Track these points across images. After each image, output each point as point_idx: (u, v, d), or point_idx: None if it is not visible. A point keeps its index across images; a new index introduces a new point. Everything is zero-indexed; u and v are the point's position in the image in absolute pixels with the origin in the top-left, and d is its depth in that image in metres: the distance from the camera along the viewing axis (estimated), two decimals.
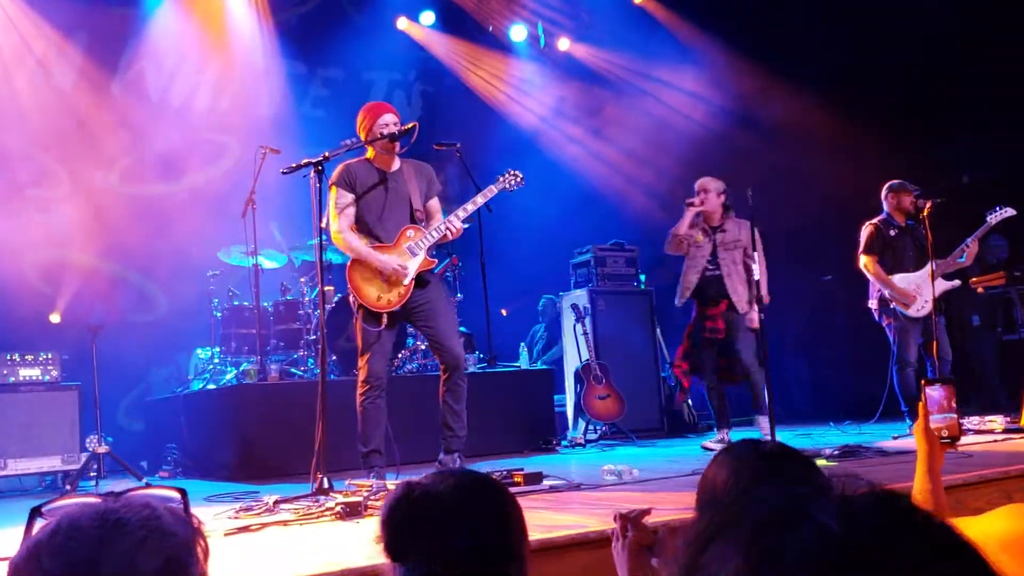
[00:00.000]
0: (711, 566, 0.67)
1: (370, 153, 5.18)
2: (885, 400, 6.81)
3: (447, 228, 5.12)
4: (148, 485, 1.12)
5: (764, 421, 6.04)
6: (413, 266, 5.05)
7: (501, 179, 5.33)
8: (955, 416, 2.20)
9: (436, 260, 5.21)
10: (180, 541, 1.01)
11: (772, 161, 9.08)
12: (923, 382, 2.27)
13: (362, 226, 5.09)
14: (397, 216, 5.13)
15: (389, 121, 5.07)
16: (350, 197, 5.06)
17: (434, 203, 5.30)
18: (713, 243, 6.49)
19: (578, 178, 10.14)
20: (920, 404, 2.20)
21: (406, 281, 5.03)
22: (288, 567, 2.78)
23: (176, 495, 1.09)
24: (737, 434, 6.41)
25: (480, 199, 5.23)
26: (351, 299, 5.11)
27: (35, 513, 1.06)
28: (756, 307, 6.13)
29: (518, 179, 5.35)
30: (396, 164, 5.19)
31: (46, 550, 0.97)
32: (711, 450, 6.00)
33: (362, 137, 5.10)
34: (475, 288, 7.74)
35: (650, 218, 9.27)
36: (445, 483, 1.53)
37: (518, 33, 10.76)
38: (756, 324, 6.19)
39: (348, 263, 5.11)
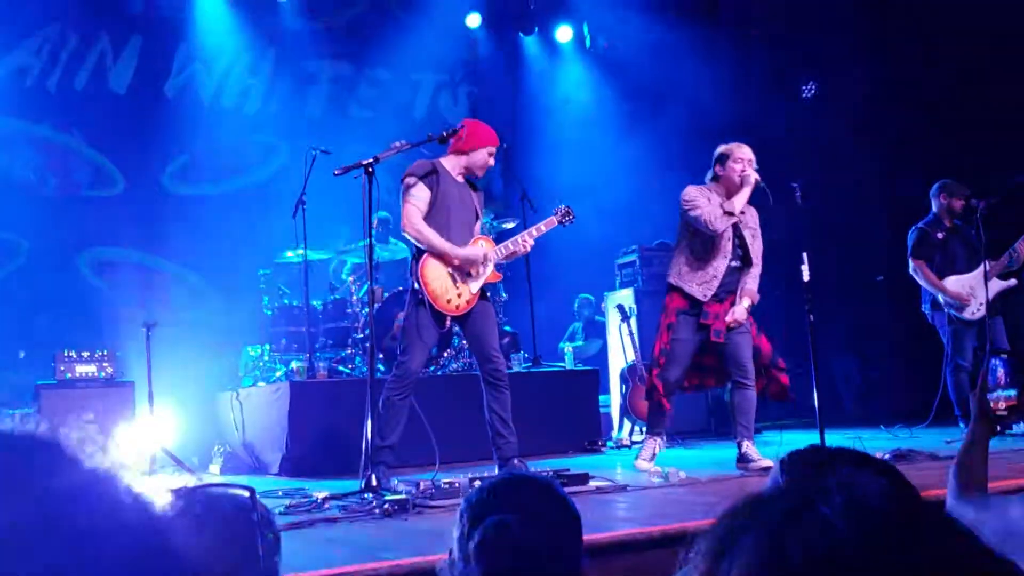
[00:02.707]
0: (725, 568, 0.67)
1: (445, 159, 5.26)
2: (938, 404, 6.70)
3: (522, 245, 5.27)
4: (225, 484, 1.15)
5: (753, 448, 5.30)
6: (485, 274, 5.15)
7: (558, 212, 5.51)
8: (1016, 392, 2.14)
9: (501, 274, 5.30)
10: (247, 540, 1.04)
11: (822, 160, 8.98)
12: (989, 351, 2.23)
13: (428, 223, 5.11)
14: (463, 224, 5.22)
15: (494, 152, 5.26)
16: (427, 192, 5.10)
17: (477, 225, 5.40)
18: (735, 227, 5.49)
19: (624, 178, 10.10)
20: (981, 374, 2.17)
21: (475, 289, 5.10)
22: (337, 563, 2.82)
23: (245, 493, 1.12)
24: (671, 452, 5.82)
25: (544, 227, 5.41)
26: (421, 295, 5.04)
27: None
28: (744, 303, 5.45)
29: (570, 217, 5.51)
30: (462, 179, 5.29)
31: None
32: (645, 470, 5.25)
33: (455, 145, 5.20)
34: (520, 288, 7.78)
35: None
36: (535, 514, 1.58)
37: (564, 34, 10.77)
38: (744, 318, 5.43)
39: (422, 259, 5.07)
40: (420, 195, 5.08)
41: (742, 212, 5.47)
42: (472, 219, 5.28)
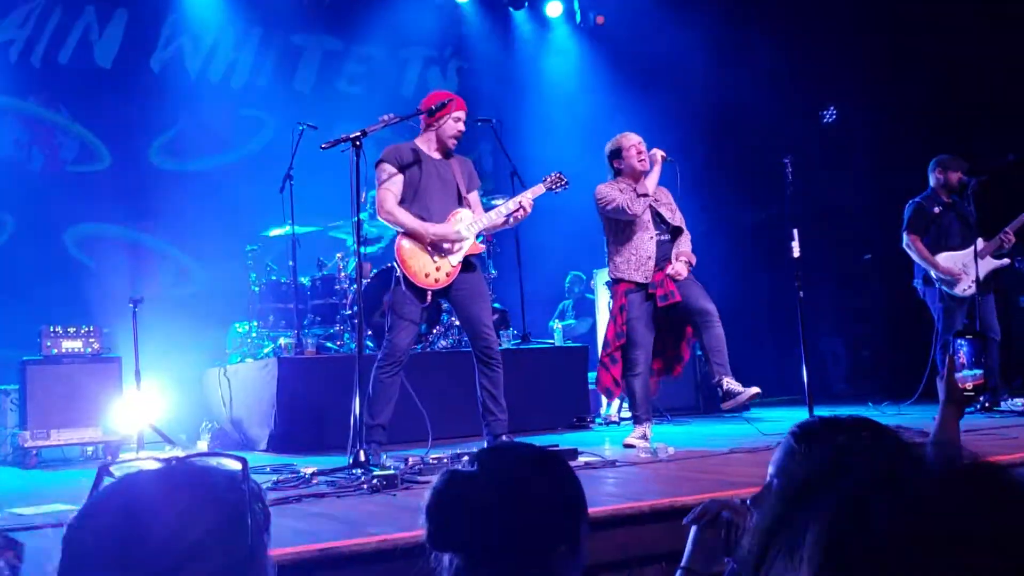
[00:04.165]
0: (800, 521, 0.66)
1: (419, 139, 5.22)
2: (925, 380, 6.73)
3: (519, 210, 5.15)
4: (217, 454, 1.13)
5: (733, 382, 5.25)
6: (465, 246, 5.08)
7: (548, 179, 5.39)
8: (981, 372, 2.19)
9: (484, 245, 5.23)
10: (231, 510, 1.02)
11: (810, 137, 8.97)
12: (953, 335, 2.25)
13: (408, 206, 5.09)
14: (444, 200, 5.16)
15: (462, 118, 5.18)
16: (399, 175, 5.07)
17: (474, 196, 5.34)
18: (651, 209, 5.58)
19: None
20: (948, 356, 2.19)
21: (454, 261, 5.05)
22: (325, 538, 2.81)
23: (237, 464, 1.10)
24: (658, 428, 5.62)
25: (530, 195, 5.29)
26: (396, 273, 5.07)
27: (103, 471, 1.08)
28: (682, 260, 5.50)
29: (563, 183, 5.42)
30: (440, 154, 5.23)
31: (101, 511, 0.99)
32: (633, 447, 5.23)
33: (424, 115, 5.14)
34: (509, 264, 7.76)
35: (686, 194, 9.20)
36: (492, 468, 1.51)
37: (554, 9, 10.70)
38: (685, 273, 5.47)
39: (397, 238, 5.09)
40: (392, 179, 5.06)
41: (652, 195, 5.57)
42: (454, 193, 5.22)
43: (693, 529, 1.92)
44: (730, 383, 5.26)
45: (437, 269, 5.04)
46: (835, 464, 0.70)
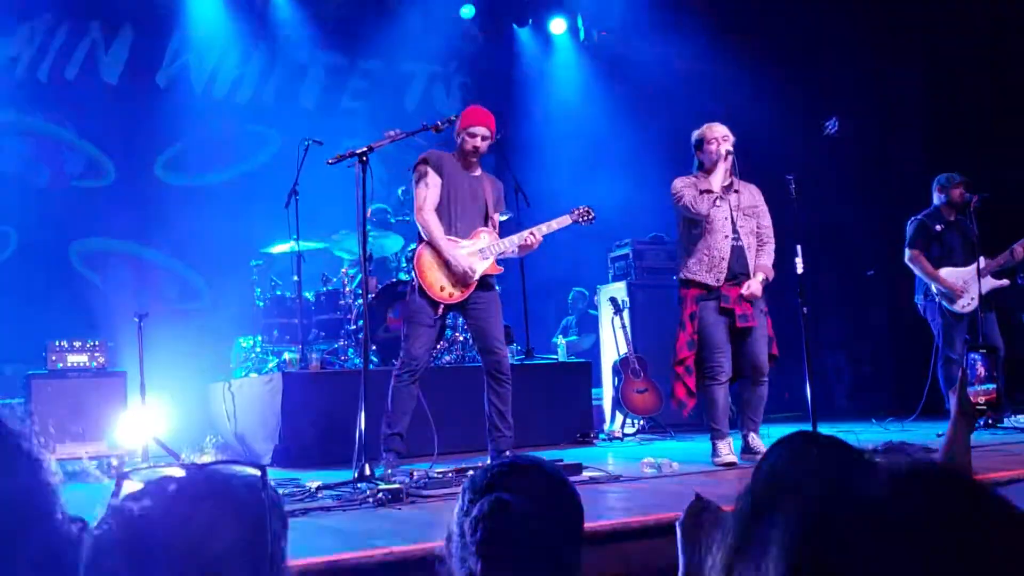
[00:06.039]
0: (763, 537, 0.67)
1: (455, 152, 5.27)
2: (926, 396, 6.74)
3: (528, 240, 5.19)
4: (235, 462, 1.14)
5: (759, 440, 5.26)
6: (481, 268, 5.13)
7: (576, 212, 5.45)
8: (994, 387, 2.19)
9: (502, 268, 5.28)
10: (253, 520, 1.03)
11: (814, 154, 9.00)
12: (967, 348, 2.26)
13: (439, 213, 5.14)
14: (472, 215, 5.23)
15: (479, 133, 5.16)
16: (438, 180, 5.13)
17: (496, 218, 5.39)
18: (728, 206, 5.36)
19: (617, 170, 10.10)
20: (962, 369, 2.20)
21: (470, 282, 5.09)
22: (330, 551, 2.82)
23: (255, 472, 1.12)
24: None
25: (555, 224, 5.36)
26: (413, 282, 5.13)
27: (122, 479, 1.10)
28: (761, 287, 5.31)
29: (590, 216, 5.45)
30: (477, 170, 5.30)
31: (124, 520, 1.00)
32: (733, 463, 5.07)
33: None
34: (513, 280, 7.78)
35: None
36: (531, 494, 1.59)
37: (558, 26, 10.76)
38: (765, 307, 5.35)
39: (418, 248, 5.13)
40: (433, 182, 5.12)
41: (736, 191, 5.37)
42: (482, 211, 5.27)
43: (679, 541, 1.94)
44: (755, 440, 5.28)
45: (453, 284, 5.08)
46: (790, 478, 0.71)
